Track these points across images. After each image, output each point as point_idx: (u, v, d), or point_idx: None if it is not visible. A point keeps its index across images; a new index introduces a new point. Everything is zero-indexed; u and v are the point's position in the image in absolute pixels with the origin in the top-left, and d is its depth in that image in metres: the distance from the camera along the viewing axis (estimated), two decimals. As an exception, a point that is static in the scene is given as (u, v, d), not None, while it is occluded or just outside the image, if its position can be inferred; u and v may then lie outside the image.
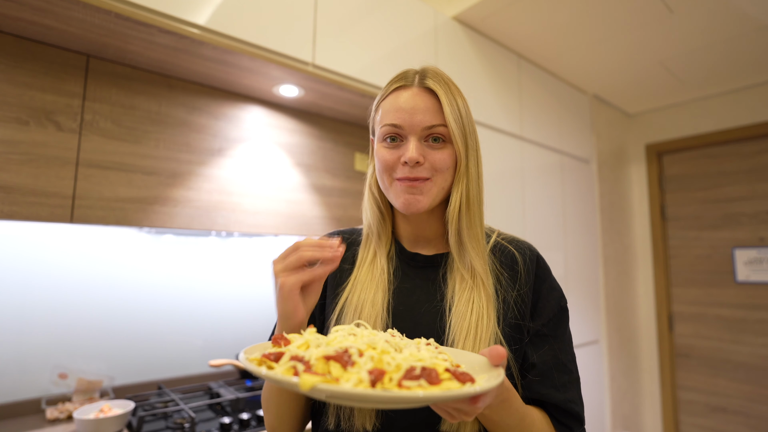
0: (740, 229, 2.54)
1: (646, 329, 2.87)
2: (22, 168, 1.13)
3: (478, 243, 0.65)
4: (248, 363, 0.40)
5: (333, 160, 1.80)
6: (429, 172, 0.63)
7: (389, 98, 0.66)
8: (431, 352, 0.45)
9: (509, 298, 0.64)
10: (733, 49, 2.13)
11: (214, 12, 1.18)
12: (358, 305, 0.64)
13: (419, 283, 0.67)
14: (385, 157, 0.64)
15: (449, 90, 0.64)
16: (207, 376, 1.62)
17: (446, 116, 0.62)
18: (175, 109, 1.41)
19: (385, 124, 0.65)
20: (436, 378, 0.38)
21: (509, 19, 1.85)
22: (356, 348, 0.41)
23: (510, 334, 0.62)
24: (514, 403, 0.54)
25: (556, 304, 0.67)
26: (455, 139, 0.63)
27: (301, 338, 0.45)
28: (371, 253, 0.69)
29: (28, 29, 1.13)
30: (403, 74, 0.67)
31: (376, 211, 0.70)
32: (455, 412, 0.44)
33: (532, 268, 0.67)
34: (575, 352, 0.67)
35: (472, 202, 0.64)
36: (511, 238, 0.71)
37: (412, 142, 0.62)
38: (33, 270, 1.33)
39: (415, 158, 0.61)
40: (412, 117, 0.62)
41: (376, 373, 0.37)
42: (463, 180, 0.64)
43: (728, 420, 2.49)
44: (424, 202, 0.63)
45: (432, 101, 0.63)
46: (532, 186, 2.11)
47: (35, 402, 1.29)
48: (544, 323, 0.65)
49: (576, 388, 0.64)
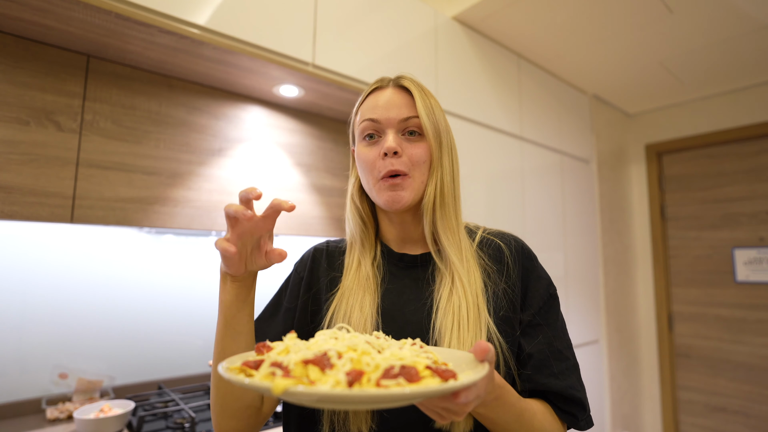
0: (740, 229, 2.54)
1: (645, 329, 2.87)
2: (23, 168, 1.13)
3: (453, 235, 0.66)
4: (227, 373, 0.39)
5: (333, 160, 1.80)
6: (407, 166, 0.65)
7: (367, 100, 0.70)
8: (415, 351, 0.44)
9: (498, 290, 0.65)
10: (733, 49, 2.13)
11: (214, 12, 1.18)
12: (347, 311, 0.65)
13: (408, 282, 0.68)
14: (366, 154, 0.67)
15: (422, 90, 0.68)
16: (207, 376, 1.62)
17: (418, 109, 0.65)
18: (175, 109, 1.41)
19: (363, 119, 0.68)
20: (415, 376, 0.37)
21: (509, 19, 1.85)
22: (335, 350, 0.40)
23: (502, 326, 0.62)
24: (510, 399, 0.53)
25: (545, 293, 0.67)
26: (427, 132, 0.65)
27: (282, 344, 0.45)
28: (356, 261, 0.70)
29: (29, 29, 1.13)
30: (380, 79, 0.71)
31: (358, 220, 0.72)
32: (444, 412, 0.43)
33: (519, 259, 0.68)
34: (576, 357, 0.67)
35: (446, 195, 0.66)
36: (497, 232, 0.72)
37: (389, 134, 0.65)
38: (33, 270, 1.33)
39: (393, 147, 0.63)
40: (389, 111, 0.66)
41: (353, 374, 0.37)
42: (436, 173, 0.66)
43: (728, 420, 2.49)
44: (406, 197, 0.64)
45: (407, 98, 0.67)
46: (532, 186, 2.11)
47: (35, 402, 1.29)
48: (535, 312, 0.65)
49: (575, 373, 0.64)
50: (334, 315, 0.66)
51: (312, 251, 0.77)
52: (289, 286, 0.75)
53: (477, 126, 1.87)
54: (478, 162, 1.85)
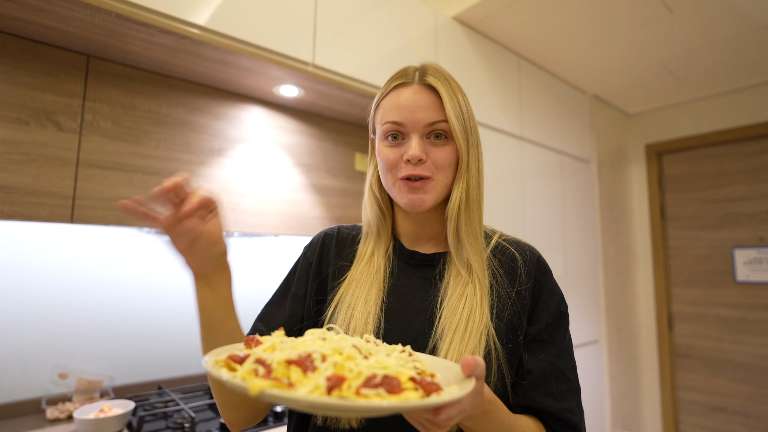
0: (740, 229, 2.54)
1: (645, 329, 2.87)
2: (23, 168, 1.13)
3: (476, 240, 0.64)
4: (210, 366, 0.39)
5: (333, 160, 1.80)
6: (431, 170, 0.62)
7: (389, 96, 0.65)
8: (402, 359, 0.43)
9: (504, 294, 0.63)
10: (733, 49, 2.13)
11: (214, 12, 1.18)
12: (352, 302, 0.64)
13: (415, 281, 0.66)
14: (387, 155, 0.64)
15: (450, 86, 0.64)
16: (207, 376, 1.62)
17: (447, 112, 0.61)
18: (175, 109, 1.41)
19: (386, 121, 0.64)
20: (397, 387, 0.37)
21: (509, 19, 1.85)
22: (320, 353, 0.40)
23: (504, 332, 0.61)
24: (499, 415, 0.52)
25: (555, 309, 0.65)
26: (456, 136, 0.62)
27: (270, 341, 0.44)
28: (369, 251, 0.69)
29: (29, 29, 1.13)
30: (403, 71, 0.66)
31: (377, 210, 0.70)
32: (427, 423, 0.42)
33: (533, 270, 0.66)
34: (575, 357, 0.66)
35: (471, 200, 0.64)
36: (513, 240, 0.70)
37: (414, 139, 0.62)
38: (33, 270, 1.33)
39: (417, 156, 0.60)
40: (414, 114, 0.62)
41: (334, 380, 0.36)
42: (463, 177, 0.63)
43: (728, 420, 2.49)
44: (428, 201, 0.62)
45: (433, 98, 0.63)
46: (532, 186, 2.11)
47: (35, 402, 1.29)
48: (542, 328, 0.63)
49: (574, 397, 0.61)
50: (338, 305, 0.65)
51: (322, 236, 0.75)
52: (297, 271, 0.74)
53: (477, 126, 1.86)
54: (478, 162, 1.84)
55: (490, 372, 0.58)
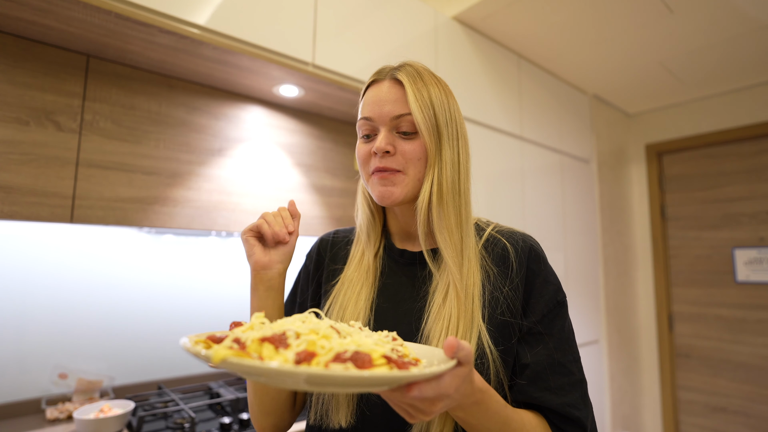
0: (740, 229, 2.54)
1: (646, 329, 2.87)
2: (23, 168, 1.13)
3: (450, 235, 0.61)
4: (188, 343, 0.39)
5: (333, 160, 1.80)
6: (401, 164, 0.62)
7: (366, 94, 0.67)
8: (382, 341, 0.43)
9: (498, 294, 0.60)
10: (733, 49, 2.13)
11: (214, 12, 1.18)
12: (344, 303, 0.65)
13: (404, 280, 0.66)
14: (360, 151, 0.66)
15: (420, 80, 0.63)
16: (207, 376, 1.62)
17: (410, 105, 0.61)
18: (175, 109, 1.41)
19: (359, 118, 0.67)
20: (367, 363, 0.36)
21: (509, 19, 1.85)
22: (294, 331, 0.39)
23: (497, 333, 0.59)
24: (492, 405, 0.50)
25: (551, 299, 0.61)
26: (420, 128, 0.61)
27: (250, 322, 0.44)
28: (359, 252, 0.70)
29: (29, 29, 1.13)
30: (379, 70, 0.68)
31: (366, 211, 0.71)
32: (410, 409, 0.41)
33: (524, 260, 0.63)
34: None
35: (445, 192, 0.61)
36: (507, 230, 0.68)
37: (381, 132, 0.63)
38: (33, 270, 1.33)
39: (383, 148, 0.61)
40: (381, 108, 0.63)
41: (303, 355, 0.36)
42: (433, 170, 0.62)
43: (728, 420, 2.49)
44: (396, 193, 0.62)
45: (400, 92, 0.63)
46: (532, 186, 2.11)
47: (35, 402, 1.29)
48: (537, 320, 0.60)
49: (577, 390, 0.58)
50: (331, 306, 0.66)
51: (318, 243, 0.77)
52: (300, 280, 0.77)
53: (477, 126, 1.86)
54: (478, 162, 1.85)
55: (486, 375, 0.57)
